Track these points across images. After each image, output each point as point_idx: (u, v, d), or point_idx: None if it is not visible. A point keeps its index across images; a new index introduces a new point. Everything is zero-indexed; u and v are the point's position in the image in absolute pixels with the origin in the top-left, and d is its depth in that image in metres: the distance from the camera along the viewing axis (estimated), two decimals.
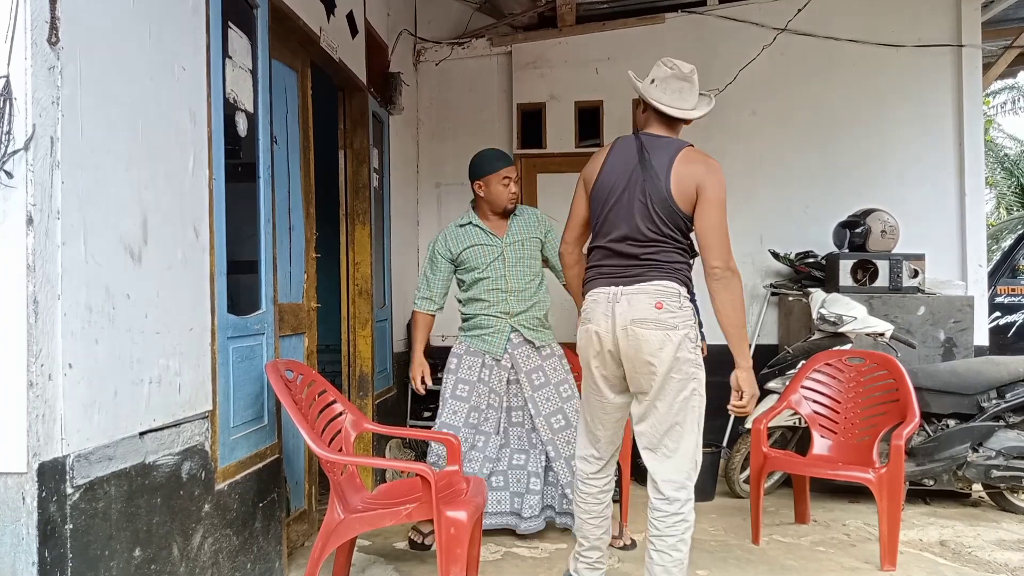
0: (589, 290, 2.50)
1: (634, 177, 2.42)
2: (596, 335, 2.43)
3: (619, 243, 2.43)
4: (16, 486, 1.61)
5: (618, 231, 2.44)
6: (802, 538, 3.45)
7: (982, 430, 3.71)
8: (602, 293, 2.44)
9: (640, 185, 2.40)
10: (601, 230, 2.50)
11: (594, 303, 2.46)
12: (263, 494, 2.70)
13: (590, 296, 2.49)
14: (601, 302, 2.43)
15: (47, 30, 1.67)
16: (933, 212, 4.98)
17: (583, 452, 2.66)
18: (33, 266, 1.62)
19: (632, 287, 2.39)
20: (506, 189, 3.29)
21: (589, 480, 2.64)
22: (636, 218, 2.40)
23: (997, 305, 5.98)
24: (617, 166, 2.47)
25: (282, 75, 3.09)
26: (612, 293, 2.41)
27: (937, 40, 4.99)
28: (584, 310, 2.51)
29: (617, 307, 2.38)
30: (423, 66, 5.43)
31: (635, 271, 2.41)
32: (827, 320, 3.91)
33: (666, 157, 2.40)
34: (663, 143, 2.44)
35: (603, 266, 2.48)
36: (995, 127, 15.99)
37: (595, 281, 2.49)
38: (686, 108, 2.48)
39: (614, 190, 2.45)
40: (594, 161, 2.58)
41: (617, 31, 5.22)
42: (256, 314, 2.75)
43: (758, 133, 5.14)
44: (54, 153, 1.68)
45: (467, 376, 3.32)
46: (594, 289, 2.48)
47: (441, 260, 3.38)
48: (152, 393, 2.04)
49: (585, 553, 2.68)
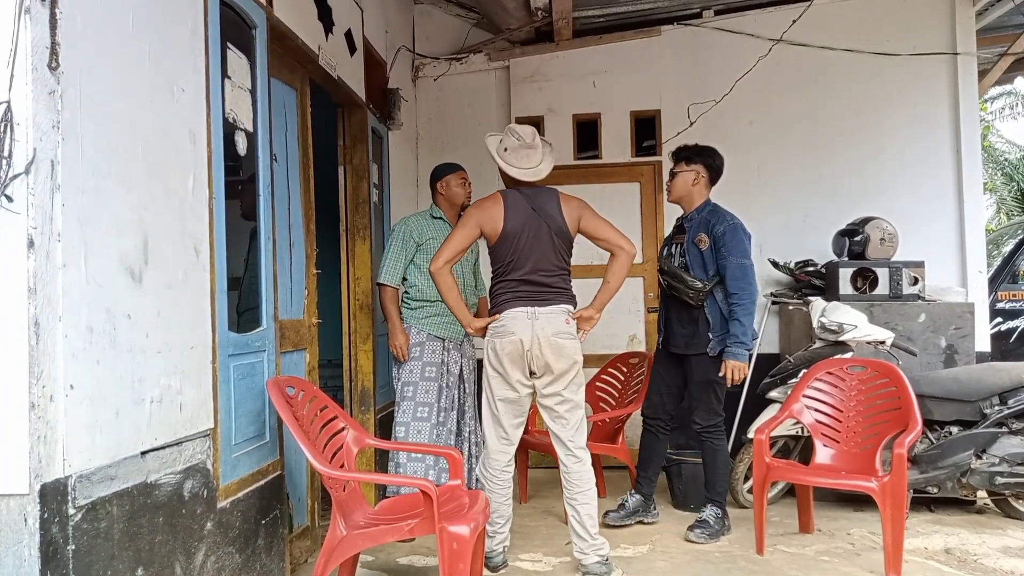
0: (506, 309, 3.05)
1: (533, 223, 3.05)
2: (520, 343, 3.01)
3: (532, 274, 3.05)
4: (18, 508, 1.62)
5: (531, 265, 3.04)
6: (806, 548, 3.44)
7: (985, 437, 3.70)
8: (519, 311, 3.03)
9: (544, 228, 3.05)
10: (513, 265, 3.06)
11: (513, 319, 3.02)
12: (265, 511, 2.71)
13: (508, 313, 3.04)
14: (520, 318, 3.02)
15: (47, 55, 1.69)
16: (932, 219, 4.98)
17: (498, 445, 3.15)
18: (34, 288, 1.64)
19: (545, 308, 3.03)
20: (463, 188, 3.85)
21: (506, 468, 3.17)
22: (545, 254, 3.06)
23: (998, 311, 5.98)
24: (518, 216, 3.05)
25: (281, 93, 3.12)
26: (529, 312, 3.02)
27: (932, 48, 5.01)
28: (501, 325, 3.05)
29: (536, 323, 3.01)
30: (421, 82, 5.47)
31: (546, 295, 3.06)
32: (828, 329, 3.91)
33: (553, 203, 3.10)
34: (544, 195, 3.12)
35: (519, 292, 3.05)
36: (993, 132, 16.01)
37: (512, 303, 3.05)
38: (534, 167, 3.11)
39: (520, 235, 3.04)
40: (492, 211, 3.07)
41: (614, 44, 5.25)
42: (257, 331, 2.76)
43: (755, 143, 5.16)
44: (55, 176, 1.70)
45: (431, 359, 3.68)
46: (512, 309, 3.04)
47: (412, 243, 3.74)
48: (153, 412, 2.05)
49: (501, 529, 3.17)
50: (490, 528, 3.13)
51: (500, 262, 3.12)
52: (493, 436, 3.17)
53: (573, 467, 3.11)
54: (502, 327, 3.05)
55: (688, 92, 5.16)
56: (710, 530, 3.54)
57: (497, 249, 3.11)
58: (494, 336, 3.08)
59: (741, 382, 3.55)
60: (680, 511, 4.03)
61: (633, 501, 3.83)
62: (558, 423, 3.13)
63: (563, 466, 3.13)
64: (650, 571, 3.19)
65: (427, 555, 3.36)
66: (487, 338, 3.12)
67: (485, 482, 3.19)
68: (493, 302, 3.15)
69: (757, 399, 4.22)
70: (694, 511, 3.98)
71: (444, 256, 3.06)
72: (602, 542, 3.08)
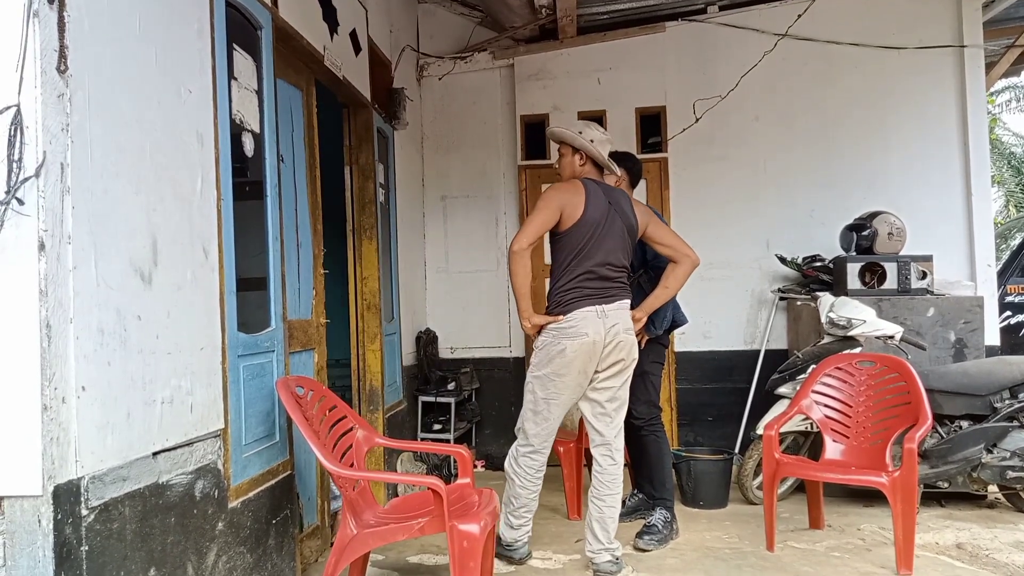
0: (575, 308, 2.97)
1: (609, 216, 3.03)
2: (593, 343, 2.95)
3: (600, 267, 3.00)
4: (32, 509, 1.63)
5: (600, 258, 2.99)
6: (817, 544, 3.44)
7: (996, 431, 3.68)
8: (590, 310, 2.96)
9: (618, 223, 3.04)
10: (584, 255, 2.99)
11: (584, 320, 2.96)
12: (276, 511, 2.71)
13: (578, 314, 2.96)
14: (590, 318, 2.96)
15: (56, 59, 1.70)
16: (940, 213, 4.96)
17: (544, 446, 3.12)
18: (45, 291, 1.64)
19: (612, 305, 3.01)
20: None
21: (543, 466, 3.16)
22: (615, 249, 3.03)
23: (1008, 304, 5.94)
24: (598, 205, 3.01)
25: (287, 94, 3.13)
26: (599, 310, 2.97)
27: (939, 41, 4.99)
28: (570, 327, 2.96)
29: (606, 320, 2.97)
30: (426, 81, 5.47)
31: (612, 291, 3.03)
32: (836, 324, 3.90)
33: (627, 202, 3.15)
34: (618, 192, 3.16)
35: (586, 288, 2.99)
36: (1000, 124, 15.92)
37: (580, 302, 2.97)
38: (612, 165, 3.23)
39: (598, 224, 2.99)
40: (574, 195, 3.01)
41: (618, 41, 5.24)
42: (266, 331, 2.77)
43: (762, 138, 5.14)
44: (64, 179, 1.71)
45: None
46: (581, 309, 2.96)
47: None
48: (164, 413, 2.06)
49: (528, 522, 3.20)
50: (515, 520, 3.17)
51: (570, 251, 3.00)
52: (540, 437, 3.10)
53: (610, 468, 3.07)
54: (572, 328, 2.96)
55: (693, 88, 5.15)
56: (659, 535, 3.42)
57: (569, 236, 3.00)
58: (564, 338, 2.97)
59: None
60: (690, 508, 4.02)
61: (634, 501, 3.82)
62: (602, 421, 3.08)
63: (598, 466, 3.08)
64: (661, 568, 3.18)
65: (437, 553, 3.37)
66: (552, 338, 2.99)
67: (517, 478, 3.15)
68: (557, 299, 3.02)
69: (766, 395, 4.22)
70: (703, 508, 3.98)
71: (529, 237, 2.93)
72: (617, 544, 3.07)
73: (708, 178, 5.16)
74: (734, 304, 5.16)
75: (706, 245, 5.08)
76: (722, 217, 5.14)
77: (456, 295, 5.44)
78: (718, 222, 5.13)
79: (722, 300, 5.13)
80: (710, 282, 5.08)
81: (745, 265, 5.15)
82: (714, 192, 5.15)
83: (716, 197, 5.15)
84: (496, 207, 5.42)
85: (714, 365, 5.14)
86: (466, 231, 5.45)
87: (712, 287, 5.09)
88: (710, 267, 5.13)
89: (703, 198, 5.16)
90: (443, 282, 5.47)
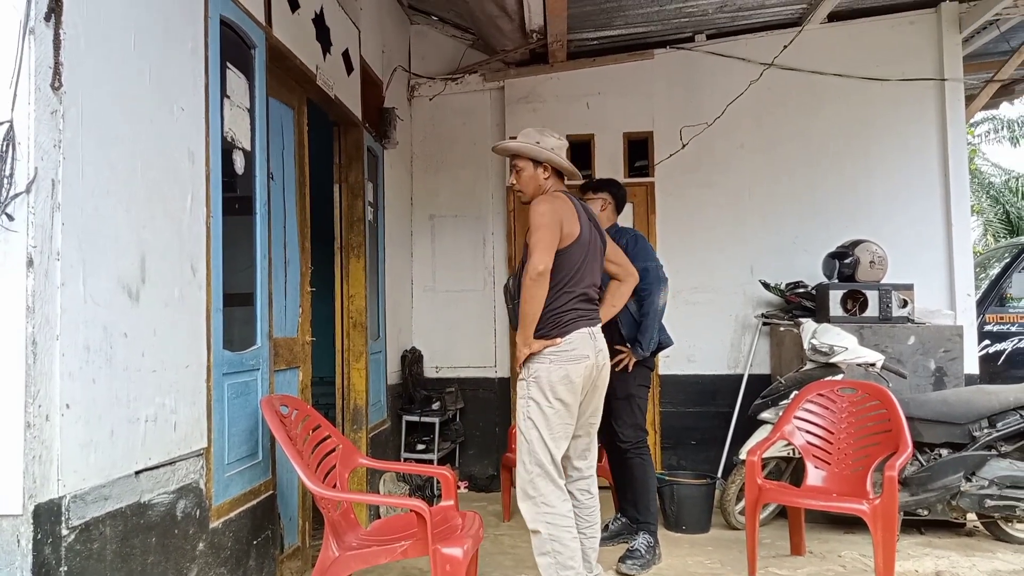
0: (573, 329, 2.78)
1: (593, 235, 2.89)
2: (593, 366, 2.80)
3: (589, 288, 2.86)
4: (11, 528, 1.61)
5: (589, 279, 2.85)
6: (798, 570, 3.44)
7: (975, 459, 3.72)
8: (585, 332, 2.81)
9: (597, 240, 2.91)
10: (578, 276, 2.81)
11: (582, 341, 2.78)
12: (257, 531, 2.69)
13: (576, 336, 2.78)
14: (586, 339, 2.80)
15: (51, 75, 1.70)
16: (921, 242, 5.04)
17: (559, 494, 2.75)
18: (32, 307, 1.63)
19: (596, 327, 2.89)
20: None
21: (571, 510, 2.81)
22: (597, 268, 2.92)
23: (986, 333, 6.02)
24: (584, 222, 2.85)
25: (279, 113, 3.14)
26: (590, 332, 2.83)
27: (921, 74, 5.10)
28: (572, 349, 2.76)
29: (596, 342, 2.85)
30: (417, 101, 5.50)
31: (595, 313, 2.92)
32: (818, 350, 3.94)
33: (594, 216, 2.98)
34: (589, 206, 3.03)
35: (580, 310, 2.82)
36: (980, 155, 16.21)
37: (577, 322, 2.80)
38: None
39: (588, 243, 2.85)
40: (568, 211, 2.82)
41: (607, 67, 5.31)
42: (251, 350, 2.75)
43: (747, 165, 5.21)
44: (55, 195, 1.70)
45: None
46: (579, 329, 2.79)
47: None
48: (148, 431, 2.04)
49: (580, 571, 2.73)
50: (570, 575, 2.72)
51: (568, 270, 2.77)
52: (551, 485, 2.72)
53: (588, 502, 2.96)
54: (574, 351, 2.74)
55: (680, 115, 5.22)
56: (642, 560, 3.41)
57: (568, 254, 2.76)
58: (567, 362, 2.72)
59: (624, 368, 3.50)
60: (672, 532, 4.02)
61: (616, 525, 3.81)
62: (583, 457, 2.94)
63: (577, 501, 2.90)
64: None
65: None
66: (549, 364, 2.72)
67: (554, 542, 2.69)
68: (554, 320, 2.76)
69: (749, 420, 4.24)
70: (686, 532, 3.98)
71: (549, 256, 2.68)
72: (601, 570, 3.05)
73: (694, 203, 5.21)
74: (718, 328, 5.19)
75: (691, 269, 5.17)
76: (707, 242, 5.19)
77: (442, 314, 5.44)
78: (703, 247, 5.18)
79: (707, 324, 5.17)
80: (695, 306, 5.13)
81: (729, 290, 5.19)
82: (700, 217, 5.21)
83: (702, 222, 5.20)
84: (484, 227, 5.44)
85: (698, 389, 5.17)
86: (454, 250, 5.47)
87: (697, 311, 5.13)
88: (695, 291, 5.19)
89: (689, 223, 5.21)
90: (430, 301, 5.47)
